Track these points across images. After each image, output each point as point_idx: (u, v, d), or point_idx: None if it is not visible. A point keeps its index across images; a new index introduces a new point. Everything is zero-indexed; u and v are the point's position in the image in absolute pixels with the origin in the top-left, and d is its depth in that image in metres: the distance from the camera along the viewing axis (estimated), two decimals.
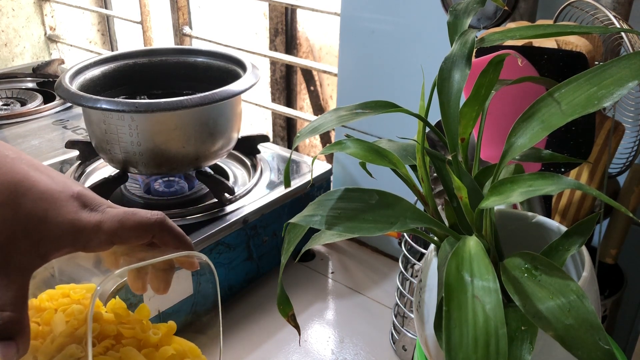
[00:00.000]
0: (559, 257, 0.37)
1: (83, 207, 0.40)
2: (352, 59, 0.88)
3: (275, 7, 1.23)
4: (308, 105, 1.35)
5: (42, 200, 0.39)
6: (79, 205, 0.40)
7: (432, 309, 0.39)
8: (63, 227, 0.39)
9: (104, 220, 0.40)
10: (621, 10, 0.57)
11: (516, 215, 0.46)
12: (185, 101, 0.71)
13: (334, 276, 0.86)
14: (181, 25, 1.25)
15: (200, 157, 0.77)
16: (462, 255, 0.34)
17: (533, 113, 0.35)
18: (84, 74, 0.82)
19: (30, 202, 0.38)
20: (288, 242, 0.41)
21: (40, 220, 0.38)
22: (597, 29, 0.41)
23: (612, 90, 0.32)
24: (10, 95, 1.16)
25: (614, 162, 0.59)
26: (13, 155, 0.40)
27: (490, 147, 0.50)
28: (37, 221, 0.38)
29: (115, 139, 0.74)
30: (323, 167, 0.90)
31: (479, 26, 0.67)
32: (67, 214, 0.39)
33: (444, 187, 0.41)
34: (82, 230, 0.39)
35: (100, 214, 0.41)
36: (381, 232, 0.36)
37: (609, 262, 0.61)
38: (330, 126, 0.40)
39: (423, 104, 0.41)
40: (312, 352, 0.72)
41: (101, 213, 0.41)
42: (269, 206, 0.80)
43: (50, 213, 0.39)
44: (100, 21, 1.66)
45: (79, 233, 0.39)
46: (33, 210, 0.38)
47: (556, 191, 0.32)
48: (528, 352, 0.31)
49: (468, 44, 0.38)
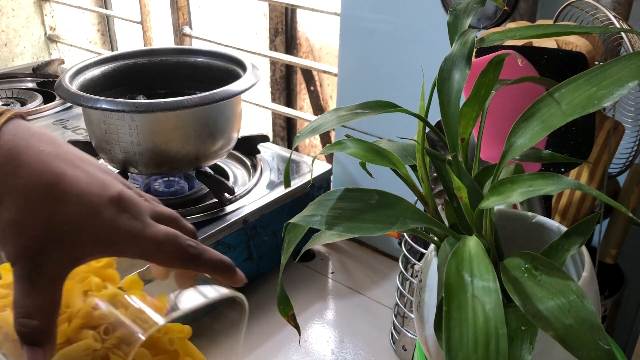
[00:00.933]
0: (559, 257, 0.37)
1: (122, 211, 0.38)
2: (352, 59, 0.88)
3: (275, 7, 1.23)
4: (308, 105, 1.35)
5: (78, 205, 0.36)
6: (117, 211, 0.37)
7: (432, 309, 0.39)
8: (98, 235, 0.37)
9: (141, 236, 0.38)
10: (621, 10, 0.57)
11: (516, 215, 0.46)
12: (185, 101, 0.71)
13: (334, 276, 0.86)
14: (181, 25, 1.25)
15: (200, 157, 0.77)
16: (462, 255, 0.34)
17: (533, 113, 0.35)
18: (84, 74, 0.82)
19: (66, 209, 0.36)
20: (288, 242, 0.41)
21: (75, 227, 0.36)
22: (597, 29, 0.41)
23: (612, 90, 0.32)
24: (10, 95, 1.16)
25: (614, 162, 0.59)
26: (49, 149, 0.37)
27: (490, 147, 0.50)
28: (72, 228, 0.36)
29: (115, 139, 0.74)
30: (323, 167, 0.90)
31: (479, 26, 0.67)
32: (104, 221, 0.37)
33: (444, 187, 0.41)
34: (117, 241, 0.37)
35: (140, 226, 0.38)
36: (381, 232, 0.36)
37: (609, 262, 0.61)
38: (330, 126, 0.40)
39: (423, 104, 0.41)
40: (312, 352, 0.72)
41: (141, 224, 0.38)
42: (269, 206, 0.80)
43: (86, 219, 0.36)
44: (100, 21, 1.66)
45: (113, 243, 0.37)
46: (68, 216, 0.36)
47: (556, 191, 0.32)
48: (528, 352, 0.31)
49: (468, 44, 0.38)
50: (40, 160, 0.37)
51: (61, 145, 0.39)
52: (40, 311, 0.36)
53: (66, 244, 0.36)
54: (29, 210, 0.36)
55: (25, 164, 0.36)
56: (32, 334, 0.35)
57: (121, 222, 0.37)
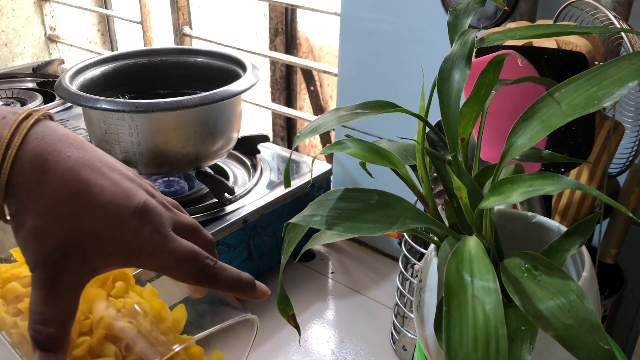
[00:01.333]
0: (559, 257, 0.37)
1: (145, 224, 0.37)
2: (352, 59, 0.88)
3: (275, 7, 1.23)
4: (308, 105, 1.35)
5: (102, 216, 0.36)
6: (140, 223, 0.37)
7: (432, 309, 0.39)
8: (119, 246, 0.37)
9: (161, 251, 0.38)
10: (621, 10, 0.57)
11: (516, 215, 0.46)
12: (185, 101, 0.71)
13: (334, 276, 0.86)
14: (181, 25, 1.25)
15: (200, 157, 0.77)
16: (462, 255, 0.34)
17: (533, 113, 0.35)
18: (84, 74, 0.82)
19: (89, 218, 0.36)
20: (288, 242, 0.41)
21: (97, 237, 0.36)
22: (597, 29, 0.41)
23: (612, 90, 0.32)
24: (10, 95, 1.16)
25: (614, 162, 0.59)
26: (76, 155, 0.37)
27: (490, 147, 0.50)
28: (94, 238, 0.36)
29: (115, 139, 0.74)
30: (323, 167, 0.90)
31: (479, 26, 0.67)
32: (126, 233, 0.37)
33: (444, 187, 0.41)
34: (138, 254, 0.37)
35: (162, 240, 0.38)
36: (381, 232, 0.36)
37: (609, 262, 0.61)
38: (330, 126, 0.40)
39: (423, 104, 0.41)
40: (312, 352, 0.72)
41: (162, 238, 0.38)
42: (269, 206, 0.80)
43: (108, 230, 0.36)
44: (100, 21, 1.66)
45: (134, 255, 0.38)
46: (91, 227, 0.36)
47: (556, 191, 0.32)
48: (528, 352, 0.31)
49: (468, 44, 0.38)
50: (67, 168, 0.36)
51: (88, 150, 0.38)
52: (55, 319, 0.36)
53: (87, 254, 0.36)
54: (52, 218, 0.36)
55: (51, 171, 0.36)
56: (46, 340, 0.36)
57: (144, 235, 0.37)
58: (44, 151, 0.36)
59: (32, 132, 0.37)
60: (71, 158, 0.37)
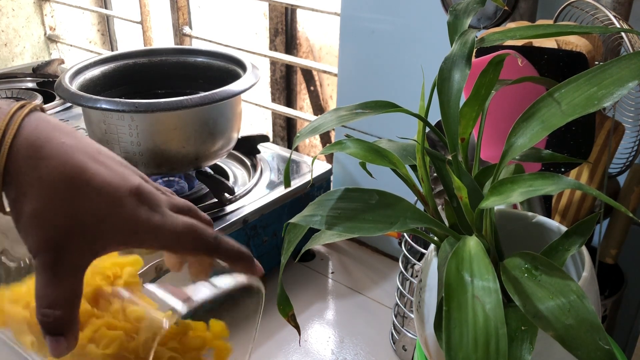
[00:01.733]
0: (559, 257, 0.37)
1: (142, 203, 0.38)
2: (352, 59, 0.88)
3: (275, 7, 1.23)
4: (308, 105, 1.35)
5: (98, 197, 0.37)
6: (137, 203, 0.38)
7: (432, 309, 0.39)
8: (118, 226, 0.37)
9: (160, 227, 0.38)
10: (621, 10, 0.57)
11: (516, 215, 0.46)
12: (185, 101, 0.71)
13: (334, 276, 0.86)
14: (181, 25, 1.25)
15: (200, 157, 0.77)
16: (462, 255, 0.34)
17: (533, 113, 0.35)
18: (84, 74, 0.82)
19: (87, 199, 0.37)
20: (288, 242, 0.41)
21: (96, 218, 0.37)
22: (597, 29, 0.41)
23: (612, 90, 0.32)
24: (10, 95, 1.16)
25: (614, 162, 0.59)
26: (70, 142, 0.38)
27: (490, 147, 0.50)
28: (93, 220, 0.37)
29: (115, 139, 0.74)
30: (323, 167, 0.90)
31: (479, 26, 0.67)
32: (124, 213, 0.38)
33: (444, 187, 0.41)
34: (137, 232, 0.38)
35: (159, 218, 0.39)
36: (381, 232, 0.36)
37: (609, 262, 0.61)
38: (330, 126, 0.40)
39: (423, 104, 0.41)
40: (312, 352, 0.72)
41: (160, 216, 0.39)
42: (269, 206, 0.80)
43: (107, 211, 0.37)
44: (100, 21, 1.66)
45: (133, 234, 0.38)
46: (89, 207, 0.37)
47: (556, 191, 0.32)
48: (528, 352, 0.31)
49: (468, 44, 0.38)
50: (62, 153, 0.37)
51: (81, 138, 0.39)
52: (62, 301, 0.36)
53: (87, 235, 0.37)
54: (50, 203, 0.36)
55: (47, 156, 0.37)
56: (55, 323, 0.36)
57: (141, 213, 0.38)
58: (38, 138, 0.37)
59: (27, 121, 0.37)
60: (65, 144, 0.37)
